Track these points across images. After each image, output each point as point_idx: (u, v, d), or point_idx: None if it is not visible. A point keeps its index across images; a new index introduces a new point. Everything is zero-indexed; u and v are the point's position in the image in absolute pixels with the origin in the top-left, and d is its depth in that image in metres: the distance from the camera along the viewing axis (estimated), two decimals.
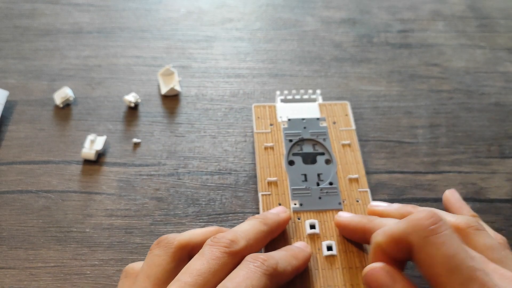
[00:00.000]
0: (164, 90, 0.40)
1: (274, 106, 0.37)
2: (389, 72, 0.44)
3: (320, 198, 0.32)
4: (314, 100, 0.38)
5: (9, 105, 0.40)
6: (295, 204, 0.32)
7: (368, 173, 0.36)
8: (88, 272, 0.31)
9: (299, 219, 0.31)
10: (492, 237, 0.25)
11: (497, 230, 0.34)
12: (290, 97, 0.38)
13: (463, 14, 0.50)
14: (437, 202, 0.35)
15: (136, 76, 0.42)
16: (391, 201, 0.35)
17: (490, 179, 0.37)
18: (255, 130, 0.36)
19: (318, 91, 0.38)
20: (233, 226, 0.33)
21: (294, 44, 0.46)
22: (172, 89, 0.40)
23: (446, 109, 0.41)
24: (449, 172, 0.37)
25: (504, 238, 0.27)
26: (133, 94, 0.40)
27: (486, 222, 0.34)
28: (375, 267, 0.23)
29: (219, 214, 0.34)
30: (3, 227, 0.33)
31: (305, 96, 0.38)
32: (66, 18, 0.47)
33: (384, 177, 0.36)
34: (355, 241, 0.29)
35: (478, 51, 0.46)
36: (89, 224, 0.33)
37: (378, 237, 0.23)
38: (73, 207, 0.34)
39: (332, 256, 0.29)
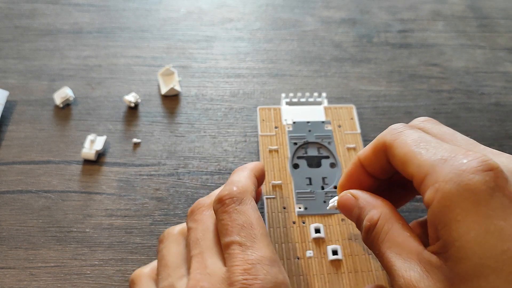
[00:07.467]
0: (164, 90, 0.40)
1: (279, 109, 0.37)
2: (389, 72, 0.44)
3: (324, 202, 0.32)
4: (319, 103, 0.38)
5: (9, 105, 0.40)
6: (299, 208, 0.32)
7: None
8: (88, 272, 0.31)
9: (303, 223, 0.31)
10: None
11: None
12: (295, 99, 0.38)
13: (463, 14, 0.50)
14: None
15: (136, 76, 0.42)
16: None
17: None
18: (259, 133, 0.35)
19: (324, 94, 0.38)
20: None
21: (294, 44, 0.46)
22: (172, 89, 0.40)
23: (446, 109, 0.41)
24: None
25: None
26: (133, 94, 0.40)
27: None
28: (341, 195, 0.25)
29: None
30: (3, 227, 0.33)
31: (311, 99, 0.38)
32: (66, 18, 0.47)
33: None
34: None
35: (478, 51, 0.46)
36: (89, 224, 0.33)
37: (359, 153, 0.25)
38: (73, 207, 0.34)
39: (338, 260, 0.29)
